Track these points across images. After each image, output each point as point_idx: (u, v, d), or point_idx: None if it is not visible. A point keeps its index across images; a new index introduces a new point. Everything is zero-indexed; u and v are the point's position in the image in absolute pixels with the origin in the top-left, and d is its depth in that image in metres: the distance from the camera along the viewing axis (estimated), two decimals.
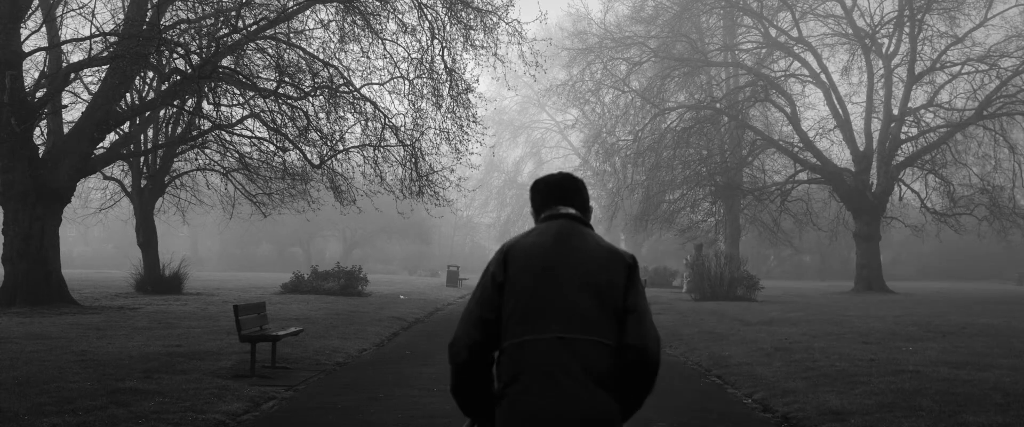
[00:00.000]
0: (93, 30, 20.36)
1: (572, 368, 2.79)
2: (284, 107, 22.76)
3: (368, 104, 23.35)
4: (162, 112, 25.83)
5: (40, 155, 20.95)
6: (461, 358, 2.93)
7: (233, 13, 20.75)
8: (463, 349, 2.92)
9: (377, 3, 22.53)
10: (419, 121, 23.86)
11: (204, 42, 20.74)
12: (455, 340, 2.95)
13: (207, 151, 27.57)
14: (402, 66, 23.58)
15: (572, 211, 3.07)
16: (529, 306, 2.86)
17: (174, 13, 22.46)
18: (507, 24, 23.48)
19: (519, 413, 2.80)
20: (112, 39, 20.21)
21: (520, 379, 2.82)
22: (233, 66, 22.05)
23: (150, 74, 23.33)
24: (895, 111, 37.53)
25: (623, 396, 2.88)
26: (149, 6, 20.75)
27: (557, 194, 3.12)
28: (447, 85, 23.38)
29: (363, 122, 23.51)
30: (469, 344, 2.91)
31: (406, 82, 23.59)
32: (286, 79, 22.07)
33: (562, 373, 2.78)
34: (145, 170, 28.18)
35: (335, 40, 22.91)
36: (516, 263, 2.93)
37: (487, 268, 3.02)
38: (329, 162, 25.03)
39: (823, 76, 37.99)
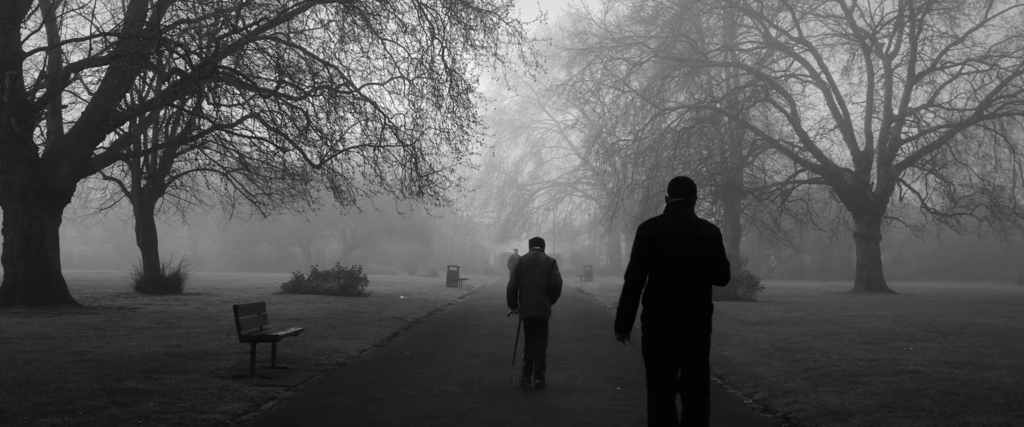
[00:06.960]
0: (93, 30, 20.35)
1: (537, 290, 10.57)
2: (284, 107, 22.72)
3: (368, 104, 23.31)
4: (162, 112, 25.83)
5: (40, 155, 20.93)
6: (511, 288, 10.74)
7: (233, 13, 20.73)
8: (512, 285, 10.75)
9: (377, 3, 22.50)
10: (419, 121, 23.82)
11: (204, 42, 20.73)
12: (509, 284, 10.81)
13: (207, 151, 27.57)
14: (402, 66, 23.55)
15: (538, 247, 10.93)
16: (525, 275, 10.67)
17: (174, 13, 22.45)
18: (507, 24, 23.45)
19: (525, 303, 10.63)
20: (112, 39, 20.20)
21: (523, 296, 10.66)
22: (233, 66, 22.02)
23: (150, 74, 23.31)
24: (895, 111, 37.48)
25: (550, 296, 10.66)
26: (149, 6, 20.74)
27: (535, 241, 11.09)
28: (447, 85, 23.34)
29: (363, 122, 23.48)
30: (513, 284, 10.73)
31: (406, 82, 23.55)
32: (286, 79, 22.04)
33: (534, 292, 10.58)
34: (145, 170, 28.17)
35: (335, 40, 22.87)
36: (522, 263, 10.79)
37: (516, 265, 10.91)
38: (329, 162, 25.00)
39: (823, 76, 37.94)
